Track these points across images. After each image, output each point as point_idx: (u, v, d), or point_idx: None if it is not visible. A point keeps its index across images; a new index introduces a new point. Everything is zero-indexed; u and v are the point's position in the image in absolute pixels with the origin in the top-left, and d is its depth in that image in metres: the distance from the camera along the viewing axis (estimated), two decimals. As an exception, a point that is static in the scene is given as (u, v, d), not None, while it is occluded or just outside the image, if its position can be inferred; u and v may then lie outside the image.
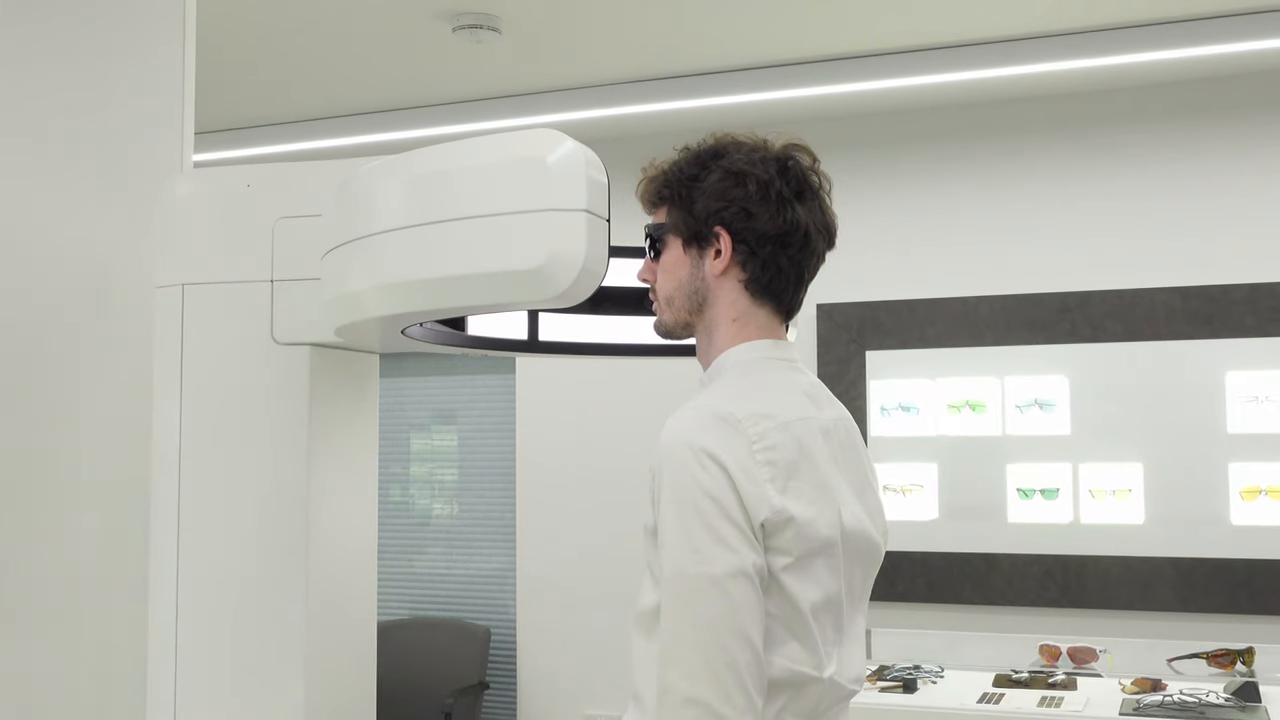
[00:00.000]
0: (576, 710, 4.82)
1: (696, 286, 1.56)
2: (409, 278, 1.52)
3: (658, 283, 1.60)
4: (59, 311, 2.19)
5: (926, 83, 4.12)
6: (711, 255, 1.54)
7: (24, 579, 2.10)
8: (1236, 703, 2.94)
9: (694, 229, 1.55)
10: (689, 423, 1.43)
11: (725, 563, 1.35)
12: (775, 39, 3.89)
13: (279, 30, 3.80)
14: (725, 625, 1.34)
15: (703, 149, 1.58)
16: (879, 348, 4.46)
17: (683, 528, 1.37)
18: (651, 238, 1.60)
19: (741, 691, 1.34)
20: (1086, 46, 3.87)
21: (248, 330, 1.85)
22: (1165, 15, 3.71)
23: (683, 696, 1.34)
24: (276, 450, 1.85)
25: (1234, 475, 4.04)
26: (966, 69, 4.01)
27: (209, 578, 1.85)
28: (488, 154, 1.49)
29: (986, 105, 4.38)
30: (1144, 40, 3.82)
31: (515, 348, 2.07)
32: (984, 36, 3.90)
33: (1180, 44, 3.80)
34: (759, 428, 1.42)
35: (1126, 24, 3.79)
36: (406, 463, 5.36)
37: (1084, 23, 3.78)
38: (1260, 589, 3.98)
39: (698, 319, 1.58)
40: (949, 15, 3.71)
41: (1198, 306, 4.10)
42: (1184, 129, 4.18)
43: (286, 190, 1.87)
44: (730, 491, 1.37)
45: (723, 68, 4.17)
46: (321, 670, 1.86)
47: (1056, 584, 4.19)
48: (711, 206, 1.53)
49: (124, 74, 2.35)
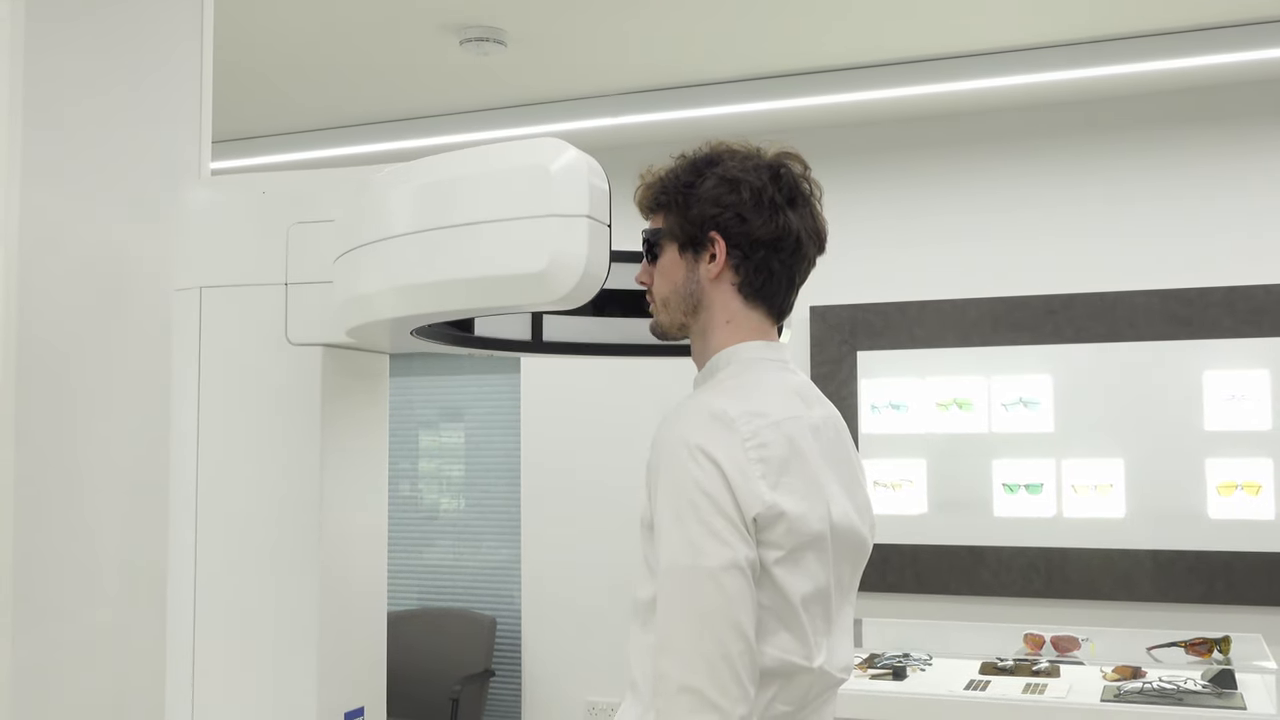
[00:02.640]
0: (579, 697, 4.82)
1: (691, 289, 1.56)
2: (418, 281, 1.53)
3: (654, 285, 1.61)
4: (82, 312, 2.19)
5: (915, 94, 4.12)
6: (706, 259, 1.55)
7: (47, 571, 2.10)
8: (1213, 689, 2.94)
9: (690, 234, 1.55)
10: (685, 421, 1.43)
11: (719, 556, 1.35)
12: (766, 53, 3.89)
13: (293, 44, 3.81)
14: (719, 616, 1.34)
15: (698, 157, 1.58)
16: (870, 348, 4.46)
17: (678, 522, 1.37)
18: (649, 242, 1.60)
19: (735, 681, 1.34)
20: (1068, 59, 3.87)
21: (263, 331, 1.85)
22: (1143, 29, 3.71)
23: (678, 685, 1.34)
24: (291, 447, 1.85)
25: (1211, 471, 4.04)
26: (953, 80, 4.02)
27: (226, 569, 1.85)
28: (493, 162, 1.49)
29: (973, 116, 4.39)
30: (1124, 52, 3.82)
31: (520, 348, 2.07)
32: (969, 49, 3.90)
33: (1159, 56, 3.81)
34: (751, 425, 1.42)
35: (1107, 37, 3.79)
36: (415, 459, 5.36)
37: (1065, 36, 3.79)
38: (1236, 580, 3.99)
39: (692, 321, 1.58)
40: (935, 29, 3.71)
41: (1176, 309, 4.10)
42: (1164, 139, 4.18)
43: (300, 197, 1.87)
44: (724, 487, 1.37)
45: (717, 79, 4.17)
46: (334, 658, 1.86)
47: (1040, 575, 4.19)
48: (707, 212, 1.53)
49: (146, 86, 2.35)
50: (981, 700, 2.99)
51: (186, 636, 1.86)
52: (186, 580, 1.86)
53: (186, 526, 1.87)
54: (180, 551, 1.88)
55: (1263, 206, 4.06)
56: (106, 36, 2.29)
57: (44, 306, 2.12)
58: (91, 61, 2.25)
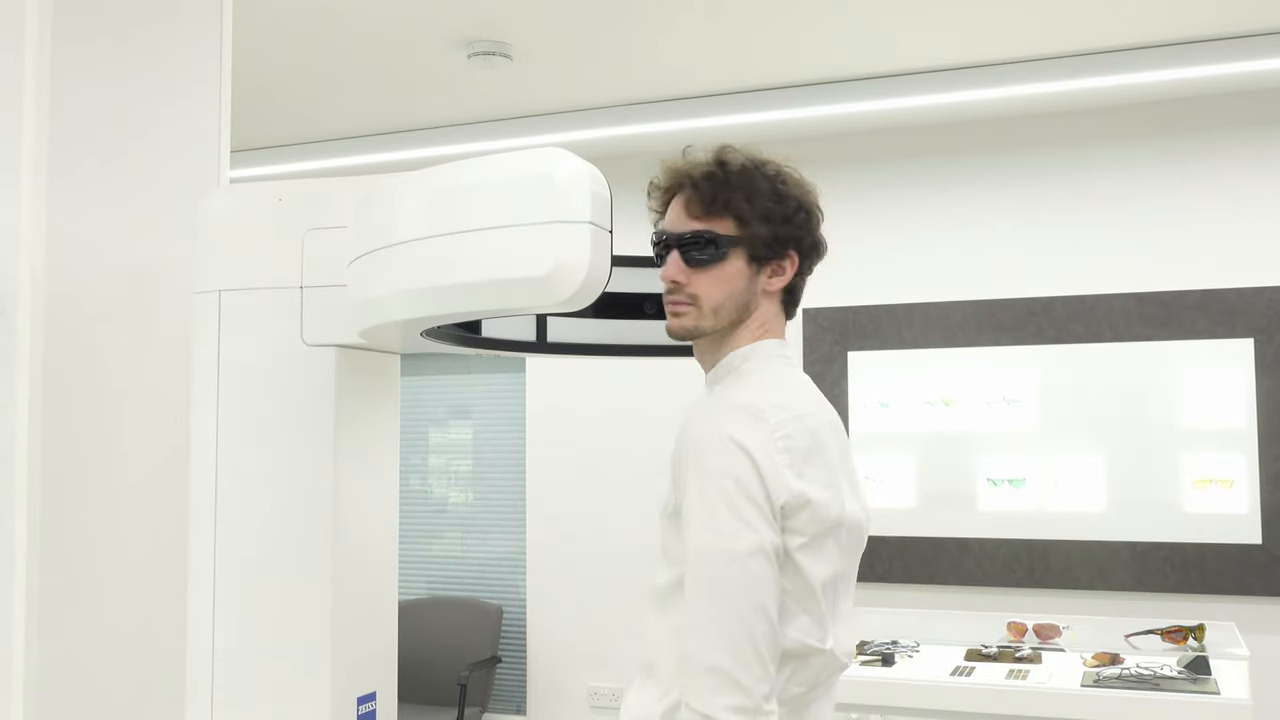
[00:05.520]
0: (582, 682, 4.82)
1: (748, 299, 1.54)
2: (428, 284, 1.52)
3: (705, 289, 1.52)
4: (108, 316, 2.19)
5: (903, 105, 4.13)
6: (769, 272, 1.54)
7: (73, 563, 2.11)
8: (1188, 675, 2.94)
9: (770, 249, 1.52)
10: (717, 415, 1.44)
11: (747, 540, 1.35)
12: (762, 67, 3.89)
13: (307, 58, 3.81)
14: (745, 599, 1.34)
15: (764, 170, 1.53)
16: (860, 349, 4.46)
17: (708, 508, 1.37)
18: (714, 244, 1.51)
19: (758, 661, 1.34)
20: (1050, 72, 3.88)
21: (279, 333, 1.85)
22: (1121, 44, 3.72)
23: (704, 665, 1.33)
24: (306, 443, 1.85)
25: (1186, 466, 4.04)
26: (940, 92, 4.02)
27: (244, 560, 1.85)
28: (500, 171, 1.49)
29: (960, 126, 4.38)
30: (1103, 66, 3.82)
31: (525, 348, 2.07)
32: (955, 63, 3.91)
33: (1136, 69, 3.81)
34: (779, 417, 1.42)
35: (1087, 51, 3.79)
36: (425, 454, 5.36)
37: (1047, 51, 3.79)
38: (1210, 570, 3.99)
39: (733, 325, 1.55)
40: (924, 43, 3.71)
41: (1153, 311, 4.10)
42: (1141, 150, 4.18)
43: (315, 204, 1.87)
44: (754, 475, 1.37)
45: (715, 91, 4.17)
46: (348, 645, 1.86)
47: (1023, 566, 4.19)
48: (791, 234, 1.53)
49: (167, 98, 2.36)
50: (966, 685, 2.99)
51: (207, 625, 1.86)
52: (206, 571, 1.87)
53: (207, 519, 1.87)
54: (201, 543, 1.88)
55: (1234, 213, 4.06)
56: (130, 54, 2.29)
57: (71, 310, 2.12)
58: (115, 78, 2.25)
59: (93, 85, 2.20)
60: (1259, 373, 3.97)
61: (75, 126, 2.15)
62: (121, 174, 2.25)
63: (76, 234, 2.14)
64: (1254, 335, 3.99)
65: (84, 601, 2.12)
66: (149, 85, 2.32)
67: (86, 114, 2.18)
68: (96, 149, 2.20)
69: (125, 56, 2.28)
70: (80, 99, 2.17)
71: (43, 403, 2.05)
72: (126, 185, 2.26)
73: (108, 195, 2.21)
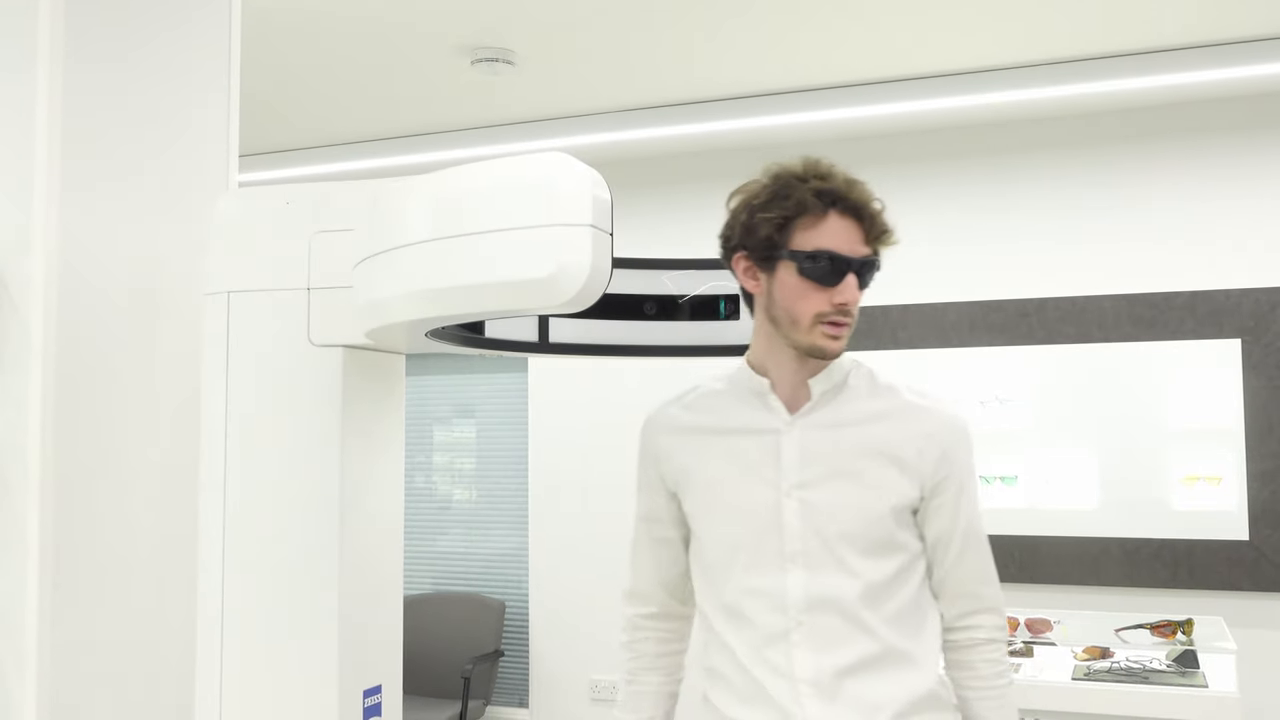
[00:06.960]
0: (582, 675, 4.82)
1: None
2: (433, 286, 1.53)
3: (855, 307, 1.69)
4: (119, 317, 2.19)
5: (898, 111, 4.13)
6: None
7: (85, 558, 2.11)
8: (1177, 669, 2.94)
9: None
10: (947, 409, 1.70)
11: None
12: (760, 73, 3.89)
13: (314, 65, 3.81)
14: None
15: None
16: (856, 349, 4.44)
17: (975, 486, 1.73)
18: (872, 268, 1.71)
19: None
20: (1042, 78, 3.88)
21: (287, 334, 1.86)
22: (1111, 51, 3.72)
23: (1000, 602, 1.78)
24: (313, 441, 1.85)
25: (1175, 464, 4.04)
26: (934, 98, 4.02)
27: (253, 555, 1.86)
28: (503, 175, 1.49)
29: (955, 131, 4.38)
30: (1093, 72, 3.82)
31: (528, 349, 2.07)
32: (946, 69, 3.91)
33: (1127, 75, 3.81)
34: None
35: (1078, 58, 3.79)
36: (430, 452, 5.36)
37: (1039, 57, 3.79)
38: (1198, 566, 3.99)
39: None
40: (921, 48, 3.71)
41: (1142, 312, 4.11)
42: (1130, 154, 4.18)
43: (322, 207, 1.87)
44: None
45: (716, 97, 4.17)
46: (354, 639, 1.86)
47: (1015, 562, 4.19)
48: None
49: (177, 104, 2.36)
50: (960, 679, 2.98)
51: (216, 620, 1.87)
52: (216, 567, 1.87)
53: (216, 514, 1.87)
54: (210, 540, 1.88)
55: (1222, 216, 4.06)
56: (141, 61, 2.29)
57: (84, 311, 2.12)
58: (127, 84, 2.26)
59: (104, 91, 2.20)
60: (1246, 372, 3.97)
61: (87, 132, 2.15)
62: (132, 178, 2.25)
63: (88, 237, 2.14)
64: (1241, 336, 3.99)
65: (96, 594, 2.12)
66: (160, 91, 2.33)
67: (98, 119, 2.18)
68: (108, 154, 2.20)
69: (136, 63, 2.28)
70: (91, 104, 2.17)
71: (55, 401, 2.05)
72: (137, 189, 2.26)
73: (119, 198, 2.21)
